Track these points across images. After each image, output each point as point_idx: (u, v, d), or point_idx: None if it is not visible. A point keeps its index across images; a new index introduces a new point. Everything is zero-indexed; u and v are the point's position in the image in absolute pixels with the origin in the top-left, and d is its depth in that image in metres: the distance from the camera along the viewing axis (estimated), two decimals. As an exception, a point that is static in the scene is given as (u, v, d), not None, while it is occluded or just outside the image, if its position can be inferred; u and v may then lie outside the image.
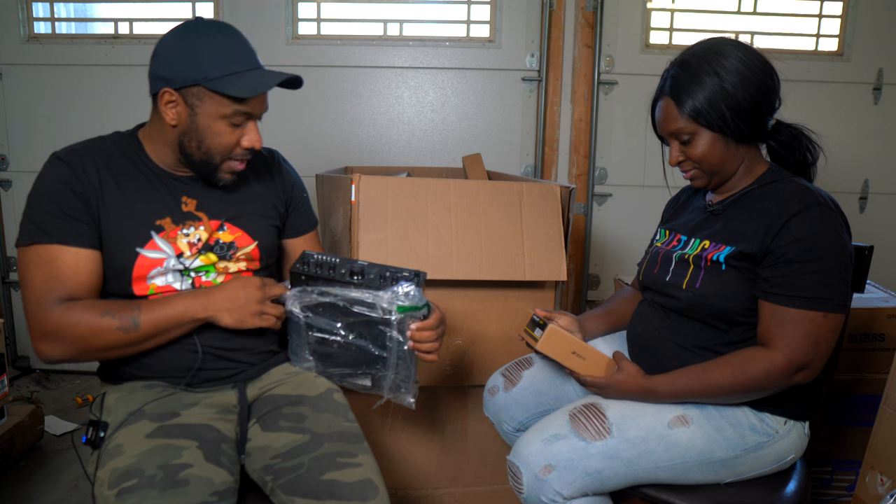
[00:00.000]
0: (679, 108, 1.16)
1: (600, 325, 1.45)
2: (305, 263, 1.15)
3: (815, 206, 1.10)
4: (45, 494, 1.89)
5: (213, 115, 1.11)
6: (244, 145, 1.16)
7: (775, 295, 1.10)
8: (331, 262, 1.14)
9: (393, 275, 1.13)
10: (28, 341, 2.86)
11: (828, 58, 2.70)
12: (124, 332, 1.07)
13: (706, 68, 1.14)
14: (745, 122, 1.14)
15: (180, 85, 1.09)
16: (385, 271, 1.13)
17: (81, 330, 1.05)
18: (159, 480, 0.97)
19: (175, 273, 1.17)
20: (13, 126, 2.71)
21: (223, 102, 1.10)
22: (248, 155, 1.18)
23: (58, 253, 1.09)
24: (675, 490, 1.17)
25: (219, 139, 1.13)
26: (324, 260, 1.15)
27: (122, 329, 1.06)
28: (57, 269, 1.08)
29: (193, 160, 1.15)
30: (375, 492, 1.04)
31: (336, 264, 1.14)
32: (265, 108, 1.18)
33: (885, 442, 1.47)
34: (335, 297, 1.12)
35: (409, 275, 1.12)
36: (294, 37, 2.68)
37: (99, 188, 1.12)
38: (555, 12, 2.64)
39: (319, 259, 1.15)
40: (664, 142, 1.26)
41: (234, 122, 1.13)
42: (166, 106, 1.11)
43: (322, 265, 1.14)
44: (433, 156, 2.76)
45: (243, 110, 1.12)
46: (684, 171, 1.24)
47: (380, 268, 1.13)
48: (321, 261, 1.15)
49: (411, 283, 1.11)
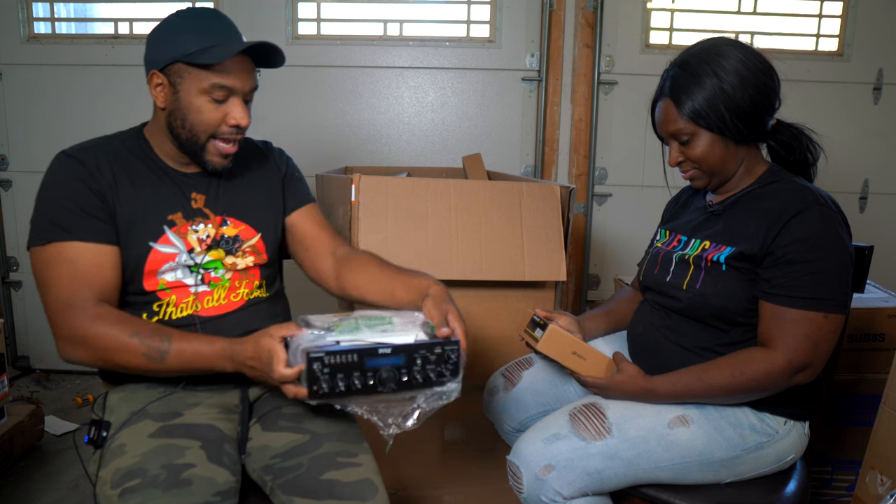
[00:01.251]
0: (678, 109, 1.16)
1: (600, 325, 1.44)
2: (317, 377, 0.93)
3: (816, 206, 1.10)
4: (45, 494, 1.89)
5: (193, 90, 1.11)
6: (229, 122, 1.13)
7: (776, 295, 1.10)
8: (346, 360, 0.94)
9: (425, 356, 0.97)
10: (28, 341, 2.86)
11: (828, 58, 2.70)
12: (148, 360, 1.04)
13: (705, 69, 1.14)
14: (745, 123, 1.14)
15: (163, 65, 1.11)
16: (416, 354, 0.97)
17: (107, 343, 1.04)
18: (162, 480, 0.97)
19: (185, 269, 1.17)
20: (13, 126, 2.71)
21: (201, 76, 1.10)
22: (234, 133, 1.15)
23: (80, 251, 1.07)
24: (675, 490, 1.17)
25: (201, 116, 1.12)
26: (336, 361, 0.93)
27: (148, 357, 1.04)
28: (81, 268, 1.07)
29: (181, 141, 1.15)
30: (375, 491, 1.04)
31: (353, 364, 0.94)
32: (251, 85, 1.15)
33: (885, 442, 1.47)
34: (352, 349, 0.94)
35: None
36: (294, 37, 2.68)
37: (113, 184, 1.13)
38: (555, 12, 2.64)
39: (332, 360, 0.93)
40: (664, 142, 1.26)
41: (215, 98, 1.11)
42: (155, 89, 1.13)
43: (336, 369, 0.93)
44: (433, 156, 2.76)
45: (222, 83, 1.10)
46: (684, 172, 1.24)
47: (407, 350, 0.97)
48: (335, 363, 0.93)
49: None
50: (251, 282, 1.23)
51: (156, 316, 1.15)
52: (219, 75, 1.10)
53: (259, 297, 1.24)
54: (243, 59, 1.13)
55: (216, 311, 1.19)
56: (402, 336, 0.99)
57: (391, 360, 0.95)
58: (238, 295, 1.21)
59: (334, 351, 0.92)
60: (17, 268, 2.82)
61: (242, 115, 1.13)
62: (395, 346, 0.96)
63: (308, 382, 0.92)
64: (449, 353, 0.98)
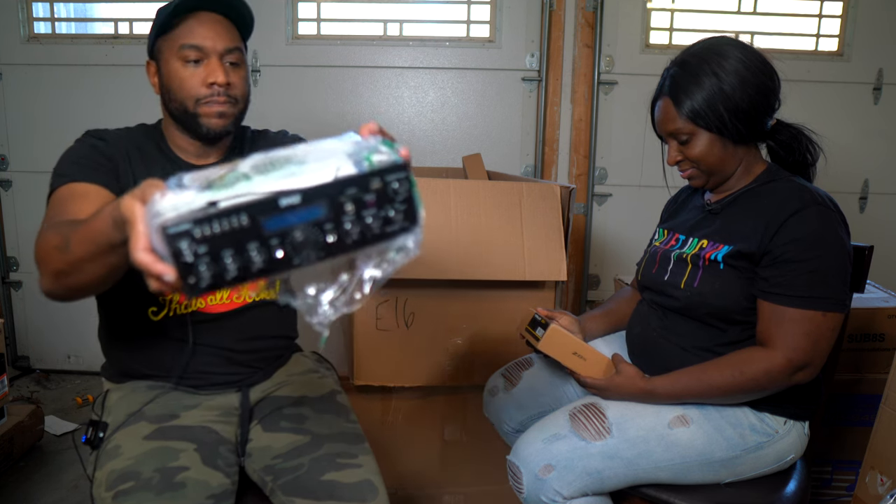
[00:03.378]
0: (677, 109, 1.16)
1: (600, 325, 1.44)
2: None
3: (813, 205, 1.10)
4: (45, 494, 1.89)
5: (169, 60, 1.12)
6: (207, 82, 1.12)
7: (774, 294, 1.10)
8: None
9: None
10: (28, 341, 2.86)
11: (828, 58, 2.70)
12: (59, 251, 0.85)
13: (705, 69, 1.14)
14: (744, 124, 1.14)
15: (149, 50, 1.17)
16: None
17: (40, 246, 0.90)
18: (155, 483, 0.97)
19: None
20: (13, 126, 2.71)
21: (172, 42, 1.12)
22: (218, 92, 1.12)
23: (82, 189, 1.06)
24: (675, 490, 1.17)
25: (181, 83, 1.12)
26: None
27: (58, 248, 0.85)
28: (70, 200, 1.04)
29: (176, 117, 1.15)
30: (375, 493, 1.04)
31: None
32: (225, 44, 1.12)
33: (885, 442, 1.47)
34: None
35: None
36: (294, 37, 2.68)
37: (128, 161, 1.14)
38: (555, 12, 2.64)
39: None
40: (663, 141, 1.27)
41: (189, 59, 1.11)
42: (153, 78, 1.17)
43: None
44: (433, 156, 2.76)
45: (191, 43, 1.10)
46: (682, 171, 1.24)
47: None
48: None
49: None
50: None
51: (163, 310, 1.15)
52: (186, 35, 1.11)
53: (265, 299, 1.23)
54: (213, 17, 1.13)
55: (219, 309, 1.18)
56: (315, 175, 0.60)
57: (304, 212, 0.60)
58: (241, 296, 1.21)
59: (207, 216, 0.57)
60: (17, 268, 2.82)
61: (217, 72, 1.11)
62: (306, 189, 0.59)
63: (180, 273, 0.58)
64: (393, 184, 0.61)
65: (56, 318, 2.81)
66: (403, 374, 1.63)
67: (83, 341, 2.79)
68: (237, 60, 1.15)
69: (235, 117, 1.16)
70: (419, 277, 1.53)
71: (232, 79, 1.13)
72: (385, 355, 1.61)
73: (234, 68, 1.14)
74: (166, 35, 1.13)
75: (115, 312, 1.19)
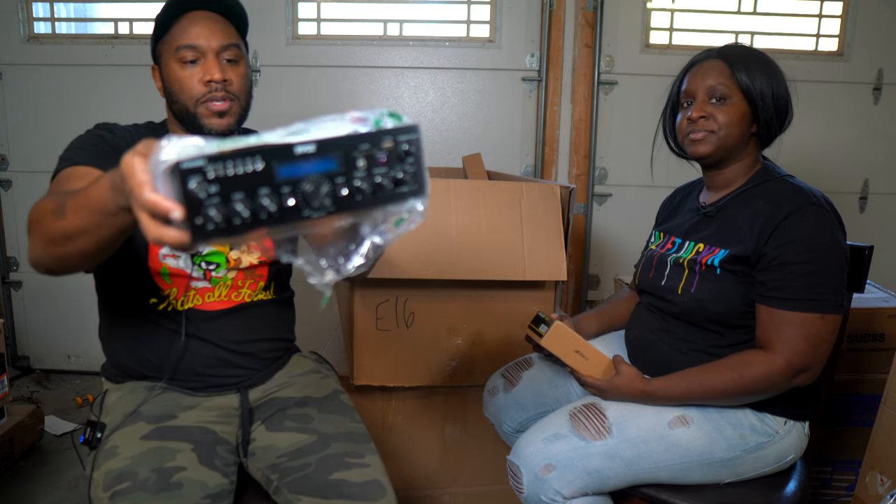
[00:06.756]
0: (731, 69, 1.18)
1: (593, 325, 1.45)
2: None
3: (808, 206, 1.10)
4: (45, 494, 1.89)
5: (168, 63, 1.13)
6: (204, 80, 1.12)
7: (771, 298, 1.10)
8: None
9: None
10: (28, 341, 2.87)
11: (828, 58, 2.70)
12: (54, 216, 0.82)
13: (761, 58, 1.19)
14: (775, 115, 1.18)
15: (152, 55, 1.18)
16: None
17: (34, 213, 0.87)
18: (152, 483, 0.97)
19: (187, 258, 1.16)
20: (13, 126, 2.71)
21: (169, 44, 1.13)
22: (216, 89, 1.12)
23: (80, 170, 1.05)
24: (675, 490, 1.17)
25: (181, 83, 1.12)
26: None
27: (53, 213, 0.83)
28: (71, 179, 1.03)
29: (182, 120, 1.16)
30: (384, 492, 1.05)
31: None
32: (220, 42, 1.12)
33: (885, 442, 1.47)
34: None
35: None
36: (294, 37, 2.68)
37: None
38: (555, 12, 2.64)
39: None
40: (674, 111, 1.27)
41: (186, 60, 1.11)
42: (157, 82, 1.19)
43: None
44: (433, 156, 2.75)
45: (186, 43, 1.11)
46: (696, 130, 1.19)
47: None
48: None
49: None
50: (256, 282, 1.23)
51: (162, 303, 1.15)
52: (181, 36, 1.12)
53: (263, 299, 1.24)
54: (207, 16, 1.13)
55: (216, 307, 1.18)
56: (329, 132, 0.61)
57: (318, 163, 0.59)
58: (240, 294, 1.21)
59: (221, 155, 0.55)
60: (17, 268, 2.82)
61: (213, 69, 1.11)
62: (321, 140, 0.59)
63: (188, 213, 0.55)
64: (403, 145, 0.62)
65: (56, 318, 2.81)
66: (403, 374, 1.63)
67: (83, 341, 2.79)
68: (234, 57, 1.14)
69: (237, 116, 1.16)
70: (419, 277, 1.53)
71: (229, 75, 1.13)
72: (385, 355, 1.61)
73: (232, 65, 1.14)
74: (163, 38, 1.14)
75: (116, 306, 1.19)
